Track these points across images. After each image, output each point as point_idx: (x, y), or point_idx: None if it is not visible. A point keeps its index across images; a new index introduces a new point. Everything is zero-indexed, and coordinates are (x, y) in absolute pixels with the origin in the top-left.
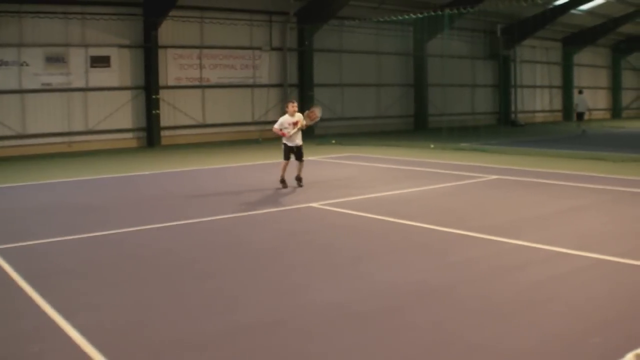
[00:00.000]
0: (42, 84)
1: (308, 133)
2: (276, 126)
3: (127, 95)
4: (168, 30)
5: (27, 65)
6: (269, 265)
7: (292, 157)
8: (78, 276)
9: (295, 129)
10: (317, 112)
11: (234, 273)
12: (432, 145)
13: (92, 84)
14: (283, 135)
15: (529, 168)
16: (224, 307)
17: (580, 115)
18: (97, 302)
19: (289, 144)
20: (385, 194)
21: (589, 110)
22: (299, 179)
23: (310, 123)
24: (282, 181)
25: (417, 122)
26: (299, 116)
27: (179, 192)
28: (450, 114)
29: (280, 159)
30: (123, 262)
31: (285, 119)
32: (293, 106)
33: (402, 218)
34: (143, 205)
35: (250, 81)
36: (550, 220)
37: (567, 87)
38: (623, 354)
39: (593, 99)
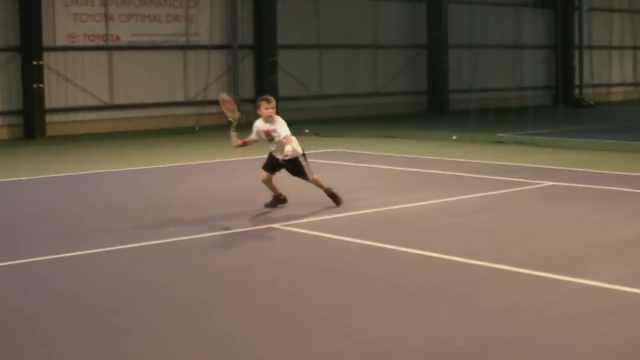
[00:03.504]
0: None
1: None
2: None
3: None
4: None
5: None
6: (205, 319)
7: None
8: None
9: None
10: (226, 100)
11: (156, 329)
12: (454, 137)
13: None
14: (244, 144)
15: (599, 170)
16: None
17: None
18: None
19: (275, 154)
20: (384, 210)
21: None
22: (332, 196)
23: (232, 115)
24: (275, 198)
25: (433, 102)
26: (281, 124)
27: (75, 207)
28: (482, 89)
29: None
30: None
31: (257, 126)
32: (267, 107)
33: (410, 246)
34: (17, 228)
35: (182, 40)
36: (631, 249)
37: None
38: None
39: None
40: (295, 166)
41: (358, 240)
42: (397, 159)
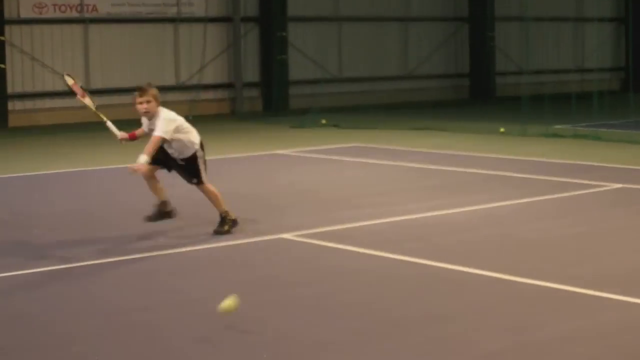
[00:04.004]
0: None
1: (276, 108)
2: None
3: None
4: None
5: None
6: (221, 343)
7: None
8: None
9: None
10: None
11: (173, 350)
12: (502, 129)
13: None
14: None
15: None
16: None
17: None
18: None
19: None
20: (417, 217)
21: None
22: (224, 221)
23: (86, 102)
24: (159, 208)
25: (476, 87)
26: (161, 121)
27: (42, 214)
28: (536, 71)
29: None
30: None
31: (144, 120)
32: (140, 102)
33: (449, 261)
34: None
35: (173, 11)
36: None
37: None
38: None
39: None
40: (190, 166)
41: (386, 255)
42: (432, 155)
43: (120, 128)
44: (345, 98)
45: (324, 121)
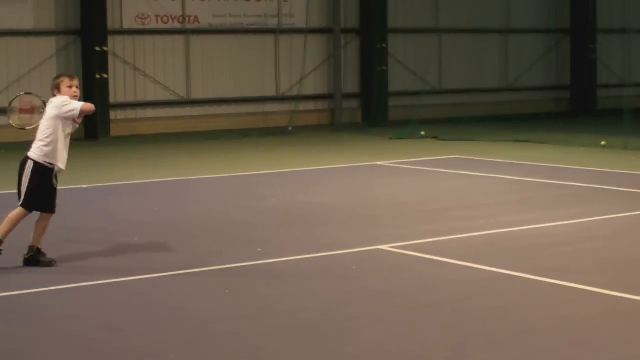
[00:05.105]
0: None
1: (376, 120)
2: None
3: (49, 44)
4: None
5: None
6: (300, 356)
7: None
8: None
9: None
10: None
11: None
12: (603, 142)
13: None
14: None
15: None
16: None
17: None
18: None
19: (54, 163)
20: (515, 230)
21: None
22: (34, 256)
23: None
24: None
25: (577, 100)
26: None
27: (143, 222)
28: (639, 84)
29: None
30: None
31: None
32: (71, 85)
33: (546, 275)
34: (80, 244)
35: (274, 23)
36: None
37: None
38: None
39: None
40: (19, 177)
41: (482, 267)
42: (531, 168)
43: (220, 138)
44: (444, 110)
45: (423, 133)
